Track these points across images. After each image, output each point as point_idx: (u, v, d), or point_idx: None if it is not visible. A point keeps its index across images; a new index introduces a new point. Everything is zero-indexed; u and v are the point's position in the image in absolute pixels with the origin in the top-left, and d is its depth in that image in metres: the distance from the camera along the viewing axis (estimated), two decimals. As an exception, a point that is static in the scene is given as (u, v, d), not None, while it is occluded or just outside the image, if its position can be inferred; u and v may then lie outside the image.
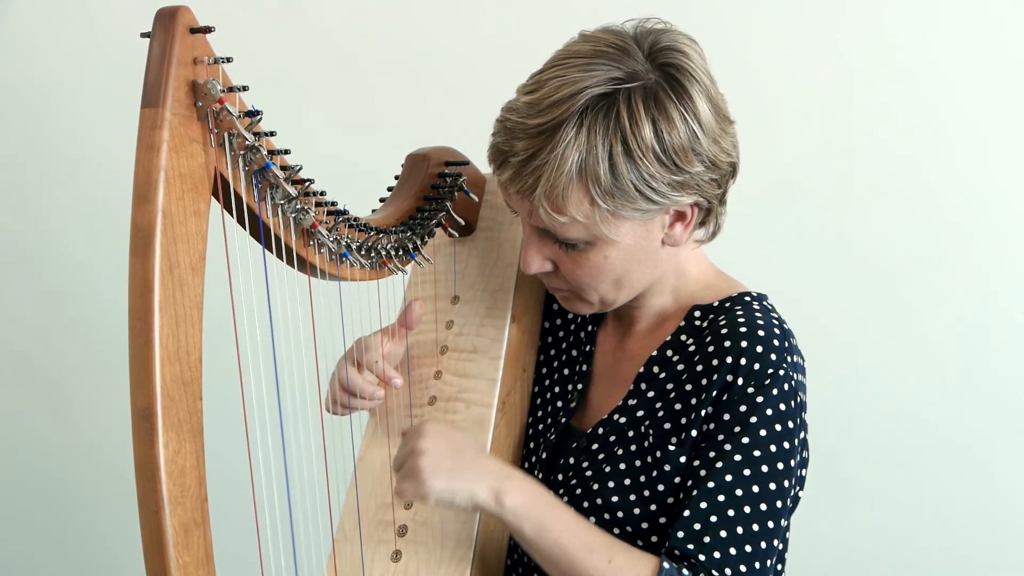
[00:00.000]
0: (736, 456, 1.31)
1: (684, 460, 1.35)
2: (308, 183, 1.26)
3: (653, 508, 1.36)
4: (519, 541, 1.33)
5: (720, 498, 1.31)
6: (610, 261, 1.35)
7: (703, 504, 1.31)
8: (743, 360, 1.33)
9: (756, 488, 1.31)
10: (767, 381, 1.33)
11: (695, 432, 1.35)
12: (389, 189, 1.51)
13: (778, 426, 1.33)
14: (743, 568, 1.29)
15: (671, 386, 1.39)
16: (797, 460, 1.36)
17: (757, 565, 1.31)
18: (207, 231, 1.14)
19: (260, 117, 1.19)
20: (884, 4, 2.34)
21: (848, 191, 2.40)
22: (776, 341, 1.35)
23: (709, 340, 1.37)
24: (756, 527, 1.31)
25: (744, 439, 1.32)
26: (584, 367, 1.52)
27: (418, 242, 1.47)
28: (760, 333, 1.35)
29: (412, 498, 1.33)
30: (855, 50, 2.36)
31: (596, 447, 1.42)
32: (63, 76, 2.83)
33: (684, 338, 1.42)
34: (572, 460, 1.44)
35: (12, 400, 3.05)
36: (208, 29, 1.12)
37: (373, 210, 1.47)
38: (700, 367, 1.37)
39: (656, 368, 1.42)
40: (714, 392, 1.34)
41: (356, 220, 1.36)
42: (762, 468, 1.32)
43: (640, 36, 1.33)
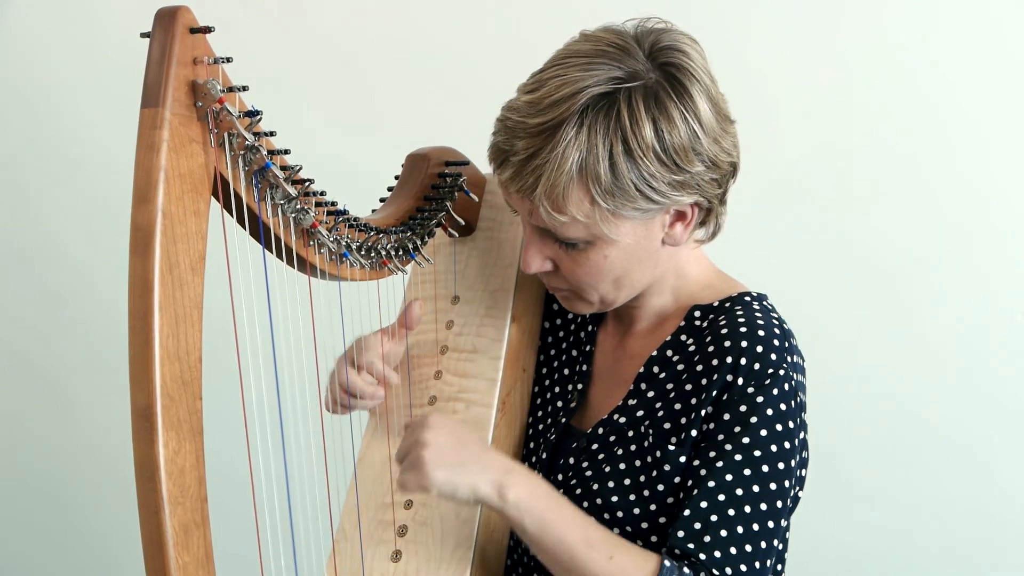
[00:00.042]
0: (736, 456, 1.31)
1: (684, 460, 1.35)
2: (308, 183, 1.26)
3: (653, 508, 1.36)
4: (521, 536, 1.32)
5: (720, 497, 1.30)
6: (610, 261, 1.35)
7: (703, 503, 1.31)
8: (743, 360, 1.33)
9: (756, 488, 1.31)
10: (767, 381, 1.33)
11: (695, 432, 1.35)
12: (389, 189, 1.51)
13: (778, 426, 1.33)
14: (743, 567, 1.29)
15: (671, 386, 1.39)
16: (797, 460, 1.36)
17: (757, 564, 1.30)
18: (207, 231, 1.14)
19: (260, 117, 1.19)
20: (884, 4, 2.34)
21: (848, 191, 2.40)
22: (776, 341, 1.35)
23: (709, 340, 1.37)
24: (756, 526, 1.31)
25: (744, 439, 1.32)
26: (584, 367, 1.52)
27: (418, 242, 1.47)
28: (760, 333, 1.35)
29: (414, 489, 1.31)
30: (855, 50, 2.36)
31: (596, 447, 1.42)
32: (63, 76, 2.83)
33: (684, 338, 1.42)
34: (572, 460, 1.44)
35: (12, 400, 3.05)
36: (208, 29, 1.12)
37: (373, 210, 1.47)
38: (700, 367, 1.37)
39: (656, 368, 1.42)
40: (714, 392, 1.34)
41: (356, 220, 1.36)
42: (762, 468, 1.31)
43: (641, 35, 1.33)
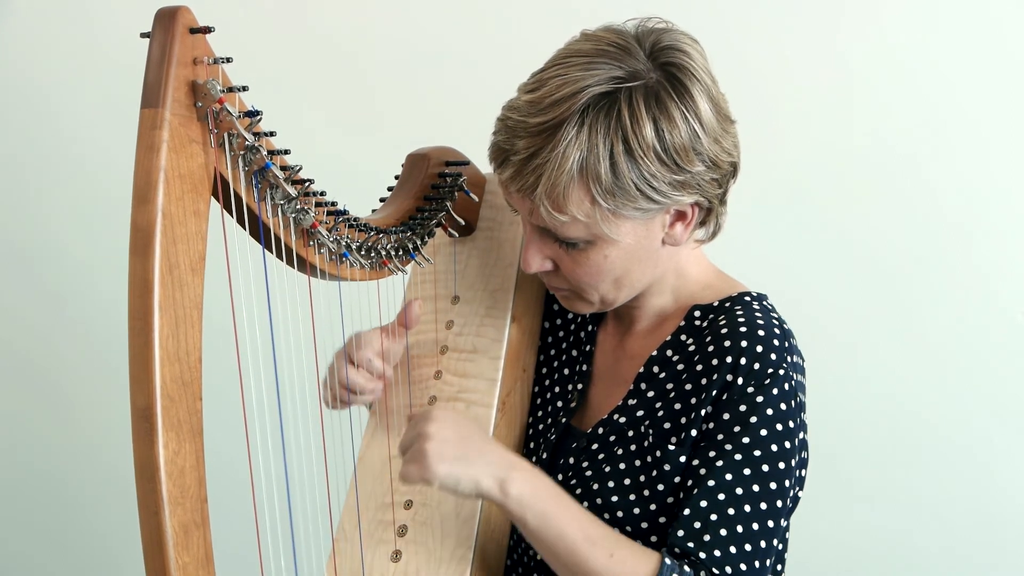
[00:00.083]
0: (736, 455, 1.31)
1: (684, 460, 1.35)
2: (308, 183, 1.26)
3: (653, 508, 1.36)
4: (522, 531, 1.32)
5: (720, 497, 1.31)
6: (610, 260, 1.35)
7: (703, 503, 1.31)
8: (743, 360, 1.33)
9: (756, 487, 1.31)
10: (767, 381, 1.33)
11: (695, 432, 1.35)
12: (389, 189, 1.51)
13: (778, 426, 1.33)
14: (743, 566, 1.29)
15: (671, 386, 1.39)
16: (797, 460, 1.36)
17: (756, 564, 1.31)
18: (207, 231, 1.14)
19: (260, 117, 1.19)
20: (884, 4, 2.34)
21: (848, 191, 2.39)
22: (776, 341, 1.35)
23: (709, 340, 1.37)
24: (756, 526, 1.31)
25: (744, 439, 1.32)
26: (584, 367, 1.52)
27: (418, 242, 1.47)
28: (760, 333, 1.35)
29: (416, 481, 1.31)
30: (855, 50, 2.36)
31: (596, 447, 1.42)
32: (63, 76, 2.83)
33: (684, 338, 1.42)
34: (572, 460, 1.44)
35: (12, 400, 3.05)
36: (208, 29, 1.12)
37: (373, 210, 1.47)
38: (700, 367, 1.37)
39: (656, 368, 1.42)
40: (714, 392, 1.34)
41: (356, 220, 1.36)
42: (762, 467, 1.31)
43: (642, 35, 1.33)
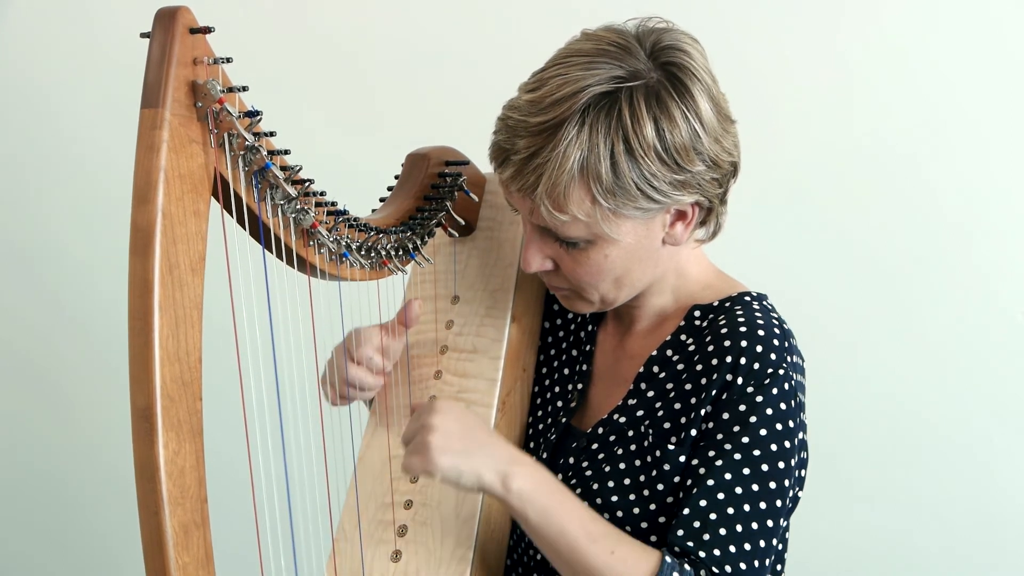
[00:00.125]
0: (736, 455, 1.31)
1: (684, 459, 1.35)
2: (308, 183, 1.26)
3: (653, 508, 1.36)
4: (523, 526, 1.32)
5: (720, 496, 1.31)
6: (611, 260, 1.35)
7: (703, 502, 1.31)
8: (743, 360, 1.33)
9: (755, 487, 1.31)
10: (767, 381, 1.33)
11: (695, 431, 1.35)
12: (389, 189, 1.51)
13: (778, 425, 1.33)
14: (742, 566, 1.29)
15: (671, 386, 1.39)
16: (796, 460, 1.36)
17: (756, 563, 1.31)
18: (207, 231, 1.14)
19: (260, 117, 1.19)
20: (884, 4, 2.34)
21: (848, 191, 2.39)
22: (776, 341, 1.35)
23: (709, 340, 1.37)
24: (755, 525, 1.31)
25: (744, 438, 1.32)
26: (584, 367, 1.52)
27: (418, 242, 1.47)
28: (760, 333, 1.35)
29: (418, 473, 1.31)
30: (855, 50, 2.36)
31: (596, 447, 1.42)
32: (63, 76, 2.83)
33: (684, 338, 1.42)
34: (572, 460, 1.44)
35: (12, 400, 3.05)
36: (208, 29, 1.12)
37: (373, 210, 1.47)
38: (700, 367, 1.36)
39: (656, 368, 1.42)
40: (713, 391, 1.34)
41: (356, 220, 1.36)
42: (761, 467, 1.32)
43: (642, 35, 1.33)
